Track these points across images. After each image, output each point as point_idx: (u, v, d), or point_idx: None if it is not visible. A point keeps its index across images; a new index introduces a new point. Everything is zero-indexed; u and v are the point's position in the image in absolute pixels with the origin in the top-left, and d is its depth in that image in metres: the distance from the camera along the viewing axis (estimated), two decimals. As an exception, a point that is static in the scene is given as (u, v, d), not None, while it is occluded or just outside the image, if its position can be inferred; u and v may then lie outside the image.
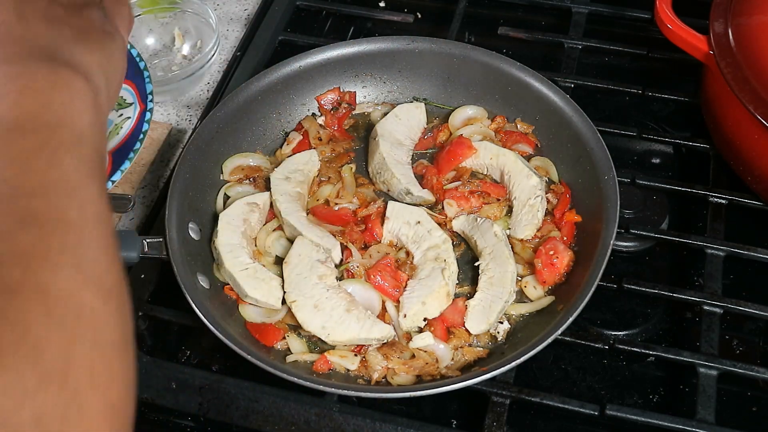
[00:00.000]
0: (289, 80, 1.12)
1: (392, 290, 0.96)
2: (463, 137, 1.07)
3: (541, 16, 1.35)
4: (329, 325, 0.92)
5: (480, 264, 0.96)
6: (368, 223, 1.02)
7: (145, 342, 0.98)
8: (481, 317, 0.93)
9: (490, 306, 0.93)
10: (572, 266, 0.96)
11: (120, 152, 0.98)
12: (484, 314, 0.93)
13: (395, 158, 1.07)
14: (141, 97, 1.02)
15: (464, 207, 1.03)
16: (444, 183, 1.06)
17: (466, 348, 0.92)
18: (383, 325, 0.93)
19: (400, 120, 1.11)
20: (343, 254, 1.00)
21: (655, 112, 1.21)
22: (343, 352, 0.92)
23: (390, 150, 1.07)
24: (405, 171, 1.07)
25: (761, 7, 1.01)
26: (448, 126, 1.12)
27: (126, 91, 1.04)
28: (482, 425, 0.87)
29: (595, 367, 0.98)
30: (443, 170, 1.06)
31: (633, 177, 1.06)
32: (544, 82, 1.07)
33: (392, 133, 1.10)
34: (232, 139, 1.08)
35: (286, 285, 0.95)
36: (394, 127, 1.10)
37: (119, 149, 0.98)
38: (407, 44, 1.13)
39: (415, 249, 0.99)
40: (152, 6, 1.27)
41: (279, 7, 1.32)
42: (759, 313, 0.95)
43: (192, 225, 0.99)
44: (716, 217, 1.03)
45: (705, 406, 0.87)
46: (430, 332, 0.93)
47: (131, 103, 1.03)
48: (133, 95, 1.03)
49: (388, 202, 1.03)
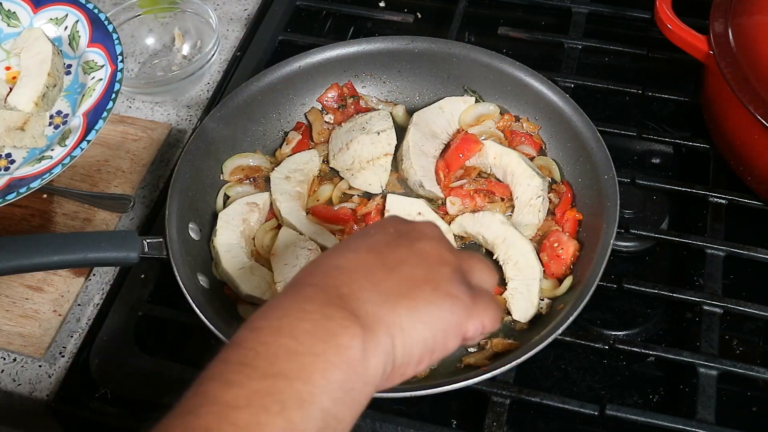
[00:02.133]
0: (289, 80, 1.12)
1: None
2: (469, 134, 1.08)
3: (541, 16, 1.35)
4: None
5: (497, 256, 0.95)
6: (368, 221, 1.02)
7: (145, 342, 0.98)
8: (525, 303, 0.93)
9: (528, 289, 0.93)
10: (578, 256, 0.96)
11: (94, 112, 0.99)
12: (526, 299, 0.93)
13: (422, 149, 1.07)
14: (111, 59, 1.04)
15: (468, 205, 1.03)
16: (452, 180, 1.06)
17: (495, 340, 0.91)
18: None
19: (443, 112, 1.11)
20: None
21: (655, 112, 1.21)
22: None
23: (419, 140, 1.07)
24: (426, 163, 1.07)
25: (761, 7, 1.01)
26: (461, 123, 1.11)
27: (96, 54, 1.06)
28: (482, 425, 0.87)
29: (595, 367, 0.98)
30: (451, 167, 1.07)
31: (633, 177, 1.06)
32: (544, 82, 1.07)
33: (428, 123, 1.09)
34: (232, 139, 1.08)
35: (275, 275, 0.95)
36: (434, 118, 1.10)
37: (93, 110, 1.00)
38: (407, 44, 1.13)
39: None
40: (152, 6, 1.27)
41: (279, 7, 1.32)
42: (759, 313, 0.95)
43: (192, 225, 0.99)
44: (716, 217, 1.03)
45: (705, 406, 0.87)
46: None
47: (102, 65, 1.05)
48: (103, 57, 1.05)
49: (388, 195, 1.03)
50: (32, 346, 0.98)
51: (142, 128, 1.18)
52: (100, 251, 0.89)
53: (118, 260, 0.91)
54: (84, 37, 1.08)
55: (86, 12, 1.09)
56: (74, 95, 1.07)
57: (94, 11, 1.08)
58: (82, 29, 1.08)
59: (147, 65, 1.28)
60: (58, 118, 1.05)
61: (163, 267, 0.96)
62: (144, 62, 1.28)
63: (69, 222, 1.08)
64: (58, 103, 1.07)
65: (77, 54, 1.08)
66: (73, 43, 1.08)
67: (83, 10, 1.09)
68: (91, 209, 1.09)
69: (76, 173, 1.13)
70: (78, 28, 1.08)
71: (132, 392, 0.92)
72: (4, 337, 0.98)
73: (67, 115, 1.05)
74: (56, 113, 1.06)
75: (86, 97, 1.03)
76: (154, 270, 1.00)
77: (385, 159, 1.07)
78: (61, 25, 1.09)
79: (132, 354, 0.94)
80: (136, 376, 0.92)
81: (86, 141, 0.96)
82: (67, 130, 1.02)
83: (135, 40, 1.28)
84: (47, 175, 0.93)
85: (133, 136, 1.17)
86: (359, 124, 1.10)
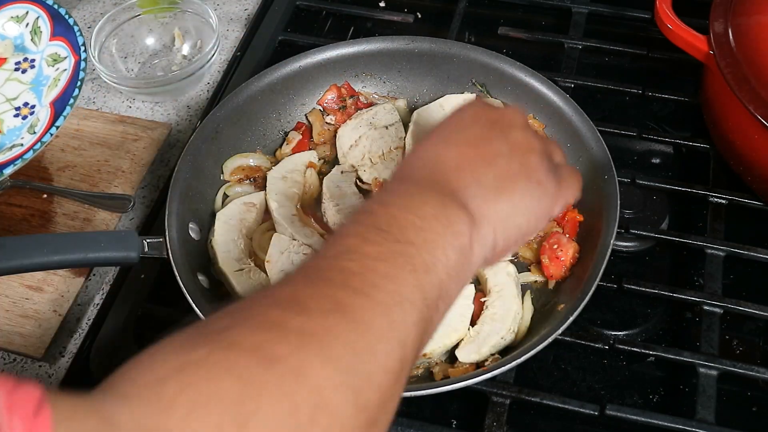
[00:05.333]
0: (289, 80, 1.12)
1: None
2: None
3: (541, 16, 1.35)
4: None
5: (486, 300, 0.95)
6: None
7: (145, 342, 0.97)
8: (474, 348, 0.90)
9: (485, 339, 0.91)
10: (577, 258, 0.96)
11: (61, 101, 1.03)
12: (477, 345, 0.90)
13: None
14: (74, 50, 1.08)
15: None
16: None
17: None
18: None
19: (443, 110, 1.11)
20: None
21: (655, 112, 1.21)
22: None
23: (419, 137, 1.07)
24: None
25: (761, 7, 1.01)
26: None
27: (59, 47, 1.10)
28: (482, 425, 0.87)
29: (595, 367, 0.97)
30: None
31: (633, 177, 1.06)
32: (544, 82, 1.07)
33: (429, 121, 1.09)
34: (232, 139, 1.08)
35: (271, 282, 0.95)
36: (435, 116, 1.10)
37: (60, 98, 1.04)
38: (407, 44, 1.13)
39: None
40: (152, 6, 1.27)
41: (279, 7, 1.32)
42: (759, 313, 0.95)
43: (192, 225, 0.99)
44: (716, 217, 1.03)
45: (705, 406, 0.87)
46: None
47: (65, 56, 1.09)
48: (66, 49, 1.09)
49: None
50: (32, 346, 0.98)
51: (142, 128, 1.18)
52: (100, 251, 0.89)
53: (118, 260, 0.91)
54: (46, 32, 1.12)
55: (46, 8, 1.13)
56: (39, 87, 1.09)
57: (54, 6, 1.12)
58: (44, 24, 1.12)
59: (147, 65, 1.28)
60: (25, 110, 1.08)
61: (163, 267, 0.96)
62: (144, 62, 1.28)
63: (69, 222, 1.08)
64: (24, 94, 1.10)
65: (40, 48, 1.12)
66: (35, 38, 1.12)
67: (43, 6, 1.13)
68: (91, 209, 1.09)
69: (76, 173, 1.13)
70: (39, 23, 1.12)
71: (132, 392, 0.92)
72: (4, 337, 0.98)
73: (33, 106, 1.08)
74: (23, 105, 1.08)
75: (51, 88, 1.07)
76: (154, 270, 1.00)
77: (396, 153, 1.07)
78: (22, 22, 1.13)
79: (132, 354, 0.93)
80: (136, 376, 0.92)
81: (55, 127, 0.99)
82: (35, 119, 1.05)
83: (135, 40, 1.28)
84: (19, 161, 0.95)
85: (133, 136, 1.17)
86: (365, 119, 1.10)
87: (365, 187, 1.06)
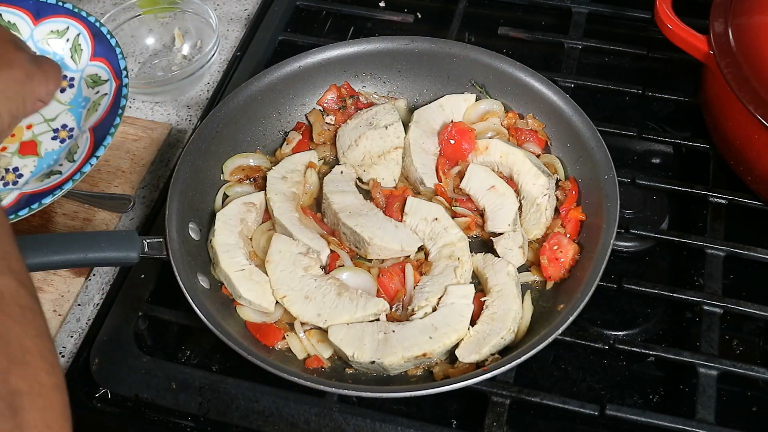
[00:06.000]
0: (289, 80, 1.12)
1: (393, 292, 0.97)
2: (458, 122, 1.08)
3: (541, 16, 1.35)
4: (324, 311, 0.93)
5: (486, 300, 0.95)
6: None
7: (145, 342, 0.98)
8: (474, 347, 0.91)
9: (485, 339, 0.91)
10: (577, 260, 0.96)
11: (101, 127, 1.00)
12: (477, 345, 0.91)
13: (422, 146, 1.07)
14: (116, 74, 1.04)
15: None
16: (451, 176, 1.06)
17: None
18: (377, 300, 0.94)
19: (443, 110, 1.11)
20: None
21: (655, 112, 1.21)
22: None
23: (419, 137, 1.08)
24: (426, 161, 1.07)
25: (761, 7, 1.01)
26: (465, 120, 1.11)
27: (100, 68, 1.06)
28: (482, 425, 0.87)
29: (595, 367, 0.98)
30: (447, 155, 1.07)
31: (633, 177, 1.06)
32: (544, 82, 1.07)
33: (429, 121, 1.10)
34: (232, 139, 1.08)
35: (272, 283, 0.95)
36: (434, 116, 1.10)
37: (100, 124, 1.01)
38: (407, 44, 1.13)
39: (431, 246, 1.00)
40: (152, 6, 1.27)
41: (279, 7, 1.32)
42: (759, 313, 0.95)
43: (192, 225, 0.99)
44: (716, 217, 1.03)
45: (705, 406, 0.87)
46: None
47: (106, 79, 1.05)
48: (107, 72, 1.05)
49: (408, 198, 1.03)
50: (32, 346, 0.97)
51: (142, 128, 1.19)
52: (100, 251, 0.89)
53: (118, 260, 0.91)
54: (86, 50, 1.08)
55: (88, 25, 1.08)
56: (79, 109, 1.07)
57: (95, 24, 1.08)
58: (84, 43, 1.08)
59: (147, 65, 1.28)
60: (64, 132, 1.05)
61: (163, 267, 0.96)
62: (144, 62, 1.28)
63: (69, 222, 1.08)
64: (63, 116, 1.07)
65: (80, 67, 1.08)
66: (75, 56, 1.08)
67: (85, 23, 1.08)
68: (91, 209, 1.09)
69: (76, 173, 1.13)
70: (80, 41, 1.08)
71: (132, 392, 0.92)
72: (4, 337, 0.98)
73: (72, 129, 1.05)
74: (61, 127, 1.06)
75: (91, 112, 1.03)
76: (154, 270, 1.00)
77: (396, 153, 1.07)
78: (63, 37, 1.09)
79: (132, 354, 0.94)
80: (135, 375, 0.92)
81: (95, 157, 0.96)
82: (74, 145, 1.02)
83: (135, 40, 1.28)
84: (58, 191, 0.94)
85: (133, 136, 1.17)
86: (365, 119, 1.10)
87: (365, 187, 1.07)
